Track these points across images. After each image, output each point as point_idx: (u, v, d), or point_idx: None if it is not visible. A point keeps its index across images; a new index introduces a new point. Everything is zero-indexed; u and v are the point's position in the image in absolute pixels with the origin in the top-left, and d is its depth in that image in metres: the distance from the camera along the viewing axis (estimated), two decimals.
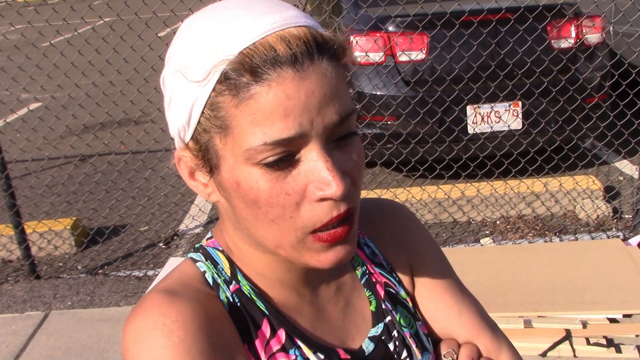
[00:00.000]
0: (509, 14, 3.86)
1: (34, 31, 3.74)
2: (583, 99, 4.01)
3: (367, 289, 0.81)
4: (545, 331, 2.75)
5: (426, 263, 0.86)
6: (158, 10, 3.79)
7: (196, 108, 0.63)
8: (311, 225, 0.63)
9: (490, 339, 0.84)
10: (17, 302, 3.47)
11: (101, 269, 3.80)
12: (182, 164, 0.69)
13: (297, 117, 0.59)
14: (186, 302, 0.66)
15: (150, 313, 0.65)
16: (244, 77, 0.59)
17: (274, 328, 0.71)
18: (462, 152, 4.05)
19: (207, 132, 0.63)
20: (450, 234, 3.84)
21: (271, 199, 0.62)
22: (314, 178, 0.62)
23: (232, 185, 0.64)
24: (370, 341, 0.77)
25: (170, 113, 0.67)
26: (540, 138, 4.08)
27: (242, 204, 0.64)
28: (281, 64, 0.59)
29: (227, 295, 0.71)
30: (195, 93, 0.62)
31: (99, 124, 4.87)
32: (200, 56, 0.62)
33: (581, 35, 4.16)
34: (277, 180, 0.62)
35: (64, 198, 4.48)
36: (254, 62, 0.59)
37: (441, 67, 3.92)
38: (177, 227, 4.26)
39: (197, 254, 0.75)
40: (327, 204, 0.63)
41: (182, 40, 0.65)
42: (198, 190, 0.70)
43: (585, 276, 3.10)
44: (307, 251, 0.65)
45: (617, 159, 4.64)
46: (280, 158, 0.61)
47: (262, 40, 0.60)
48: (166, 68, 0.67)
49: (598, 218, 3.84)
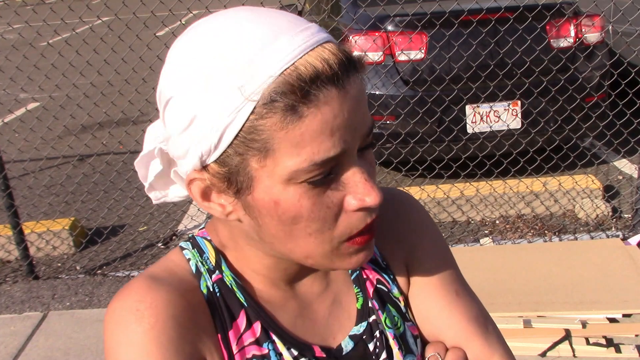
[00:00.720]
0: (508, 13, 3.85)
1: (31, 31, 3.73)
2: (582, 98, 4.00)
3: (356, 285, 0.80)
4: (544, 331, 2.75)
5: (423, 260, 0.83)
6: (156, 10, 3.78)
7: (230, 131, 0.60)
8: (347, 234, 0.65)
9: (481, 345, 0.80)
10: (16, 303, 3.46)
11: (100, 269, 3.79)
12: (194, 186, 0.66)
13: (343, 135, 0.60)
14: (164, 289, 0.68)
15: (128, 297, 0.68)
16: (290, 99, 0.58)
17: (250, 320, 0.72)
18: (461, 151, 4.04)
19: (240, 154, 0.61)
20: (449, 233, 3.84)
21: (313, 214, 0.63)
22: (352, 190, 0.63)
23: (269, 204, 0.63)
24: (350, 340, 0.77)
25: (189, 134, 0.63)
26: (539, 137, 4.07)
27: (274, 221, 0.64)
28: (325, 83, 0.58)
29: (208, 285, 0.72)
30: (229, 116, 0.59)
31: (97, 124, 4.86)
32: (233, 80, 0.59)
33: (580, 34, 4.16)
34: (318, 195, 0.62)
35: (62, 198, 4.47)
36: (298, 83, 0.58)
37: (440, 67, 3.91)
38: (175, 227, 4.25)
39: (186, 243, 0.76)
40: (361, 214, 0.65)
41: (201, 62, 0.61)
42: (213, 211, 0.68)
43: (584, 276, 3.09)
44: (339, 256, 0.67)
45: (616, 158, 4.64)
46: (325, 176, 0.61)
47: (301, 60, 0.59)
48: (175, 87, 0.63)
49: (597, 217, 3.84)
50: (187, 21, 4.45)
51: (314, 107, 0.58)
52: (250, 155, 0.61)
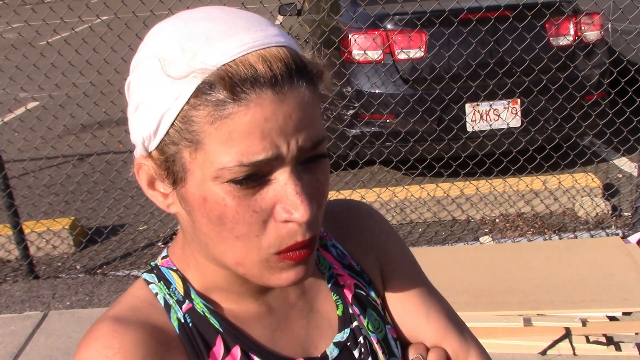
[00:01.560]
0: (507, 12, 3.85)
1: (31, 30, 3.72)
2: (582, 96, 4.00)
3: (334, 292, 0.79)
4: (544, 329, 2.75)
5: (395, 264, 0.85)
6: (156, 9, 3.78)
7: (166, 119, 0.61)
8: (277, 246, 0.63)
9: (458, 341, 0.83)
10: (16, 302, 3.46)
11: (100, 268, 3.79)
12: (142, 172, 0.67)
13: (274, 140, 0.59)
14: (131, 331, 0.66)
15: (95, 344, 0.66)
16: (222, 94, 0.58)
17: (227, 346, 0.70)
18: (461, 150, 4.04)
19: (175, 144, 0.62)
20: (449, 232, 3.84)
21: (237, 216, 0.61)
22: (282, 200, 0.61)
23: (198, 200, 0.62)
24: (335, 347, 0.76)
25: (135, 120, 0.64)
26: (539, 136, 4.07)
27: (204, 219, 0.63)
28: (261, 84, 0.58)
29: (179, 317, 0.70)
30: (166, 104, 0.60)
31: (97, 123, 4.86)
32: (175, 69, 0.60)
33: (580, 32, 4.16)
34: (244, 197, 0.61)
35: (62, 198, 4.47)
36: (233, 80, 0.57)
37: (440, 65, 3.91)
38: (175, 226, 4.25)
39: (151, 275, 0.74)
40: (293, 226, 0.62)
41: (154, 49, 0.63)
42: (156, 201, 0.68)
43: (584, 274, 3.10)
44: (269, 269, 0.65)
45: (616, 157, 4.64)
46: (249, 176, 0.60)
47: (242, 58, 0.58)
48: (133, 74, 0.65)
49: (597, 216, 3.84)
50: None
51: (244, 106, 0.58)
52: (184, 146, 0.61)
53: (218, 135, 0.59)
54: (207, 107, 0.58)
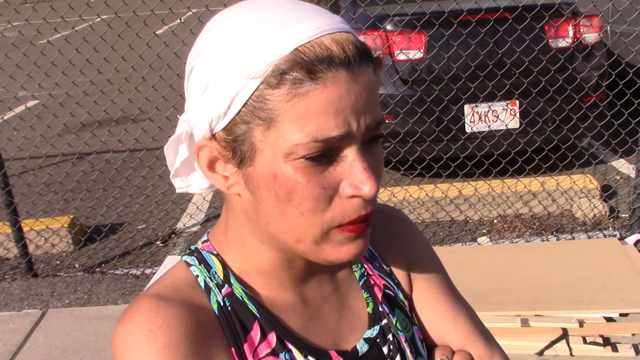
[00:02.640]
0: (506, 13, 3.86)
1: (31, 29, 3.73)
2: (580, 98, 4.02)
3: (365, 290, 0.81)
4: (542, 330, 2.76)
5: (424, 269, 0.87)
6: (156, 9, 3.79)
7: (239, 98, 0.63)
8: (339, 220, 0.65)
9: (484, 347, 0.85)
10: (15, 300, 3.47)
11: (99, 267, 3.80)
12: (203, 154, 0.69)
13: (347, 118, 0.62)
14: (174, 307, 0.68)
15: (138, 318, 0.67)
16: (299, 73, 0.60)
17: (264, 331, 0.72)
18: (460, 151, 4.05)
19: (246, 123, 0.64)
20: (447, 232, 3.85)
21: (307, 192, 0.63)
22: (350, 176, 0.64)
23: (267, 177, 0.64)
24: (365, 342, 0.78)
25: (203, 100, 0.66)
26: (537, 137, 4.08)
27: (271, 196, 0.65)
28: (336, 64, 0.61)
29: (218, 299, 0.72)
30: (240, 83, 0.62)
31: (96, 122, 4.87)
32: (250, 49, 0.62)
33: (579, 34, 4.17)
34: (314, 174, 0.63)
35: (61, 196, 4.48)
36: (311, 60, 0.60)
37: (439, 66, 3.92)
38: (174, 225, 4.26)
39: (191, 258, 0.76)
40: (357, 202, 0.65)
41: (223, 33, 0.65)
42: (216, 182, 0.70)
43: (582, 275, 3.11)
44: (329, 244, 0.67)
45: (614, 158, 4.65)
46: (322, 153, 0.62)
47: (317, 40, 0.61)
48: (199, 59, 0.66)
49: (595, 217, 3.85)
50: (186, 20, 4.46)
51: (321, 84, 0.60)
52: (256, 125, 0.63)
53: (294, 112, 0.61)
54: (284, 86, 0.61)
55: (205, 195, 4.44)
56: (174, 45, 4.02)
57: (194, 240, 4.03)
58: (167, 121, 4.11)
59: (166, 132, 5.03)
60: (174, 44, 4.02)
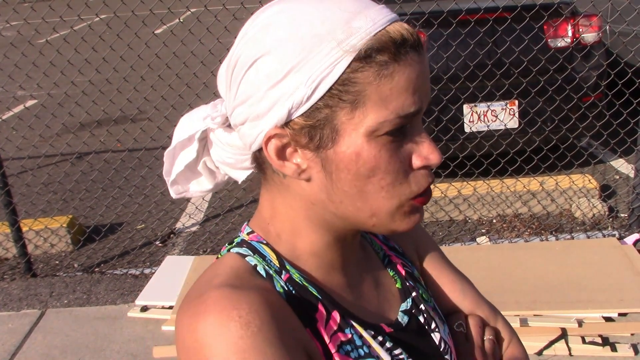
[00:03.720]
0: (505, 13, 3.86)
1: (30, 28, 3.73)
2: (579, 98, 4.02)
3: (390, 269, 0.88)
4: (541, 330, 2.76)
5: (426, 248, 0.96)
6: (155, 8, 3.79)
7: (325, 83, 0.65)
8: (415, 191, 0.71)
9: (488, 310, 0.95)
10: (14, 300, 3.47)
11: (98, 267, 3.79)
12: (271, 143, 0.69)
13: (421, 95, 0.68)
14: (252, 293, 0.68)
15: (223, 307, 0.65)
16: (385, 56, 0.65)
17: (328, 310, 0.75)
18: (459, 150, 4.06)
19: (329, 107, 0.66)
20: (446, 232, 3.85)
21: (390, 166, 0.68)
22: (418, 149, 0.70)
23: (350, 157, 0.68)
24: (403, 314, 0.83)
25: (279, 89, 0.67)
26: (536, 137, 4.09)
27: (350, 175, 0.69)
28: (410, 48, 0.67)
29: (282, 285, 0.73)
30: (324, 70, 0.65)
31: (95, 122, 4.87)
32: (333, 33, 0.65)
33: (578, 34, 4.17)
34: (394, 149, 0.69)
35: (60, 196, 4.48)
36: (392, 43, 0.66)
37: (438, 66, 3.92)
38: (173, 225, 4.26)
39: (243, 249, 0.76)
40: (425, 172, 0.71)
41: (294, 22, 0.66)
42: (286, 169, 0.71)
43: (581, 275, 3.11)
44: (401, 215, 0.72)
45: (613, 158, 4.65)
46: (402, 128, 0.68)
47: (390, 27, 0.67)
48: (255, 47, 0.67)
49: (594, 217, 3.85)
50: (185, 19, 4.45)
51: (402, 66, 0.66)
52: (340, 108, 0.66)
53: (379, 92, 0.66)
54: (371, 69, 0.65)
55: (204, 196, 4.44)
56: (173, 45, 4.02)
57: (193, 240, 4.03)
58: (166, 121, 4.11)
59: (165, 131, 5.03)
60: (173, 44, 4.02)
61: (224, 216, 4.24)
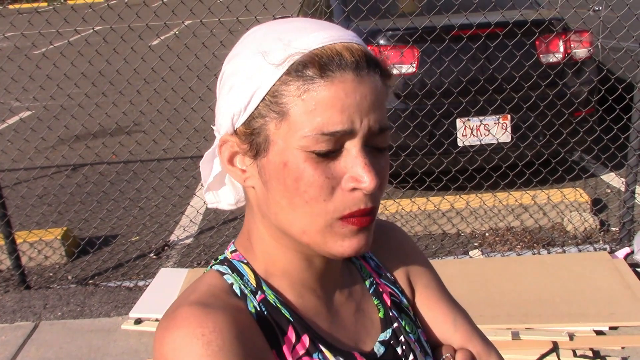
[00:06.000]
0: (498, 29, 3.91)
1: (26, 41, 3.75)
2: (571, 112, 4.06)
3: (375, 297, 0.88)
4: (532, 343, 2.78)
5: (422, 277, 0.95)
6: (150, 22, 3.82)
7: (258, 94, 0.70)
8: (341, 210, 0.71)
9: (481, 345, 0.93)
10: (7, 313, 3.46)
11: (92, 279, 3.79)
12: (225, 148, 0.76)
13: (351, 115, 0.68)
14: (220, 312, 0.71)
15: (189, 324, 0.69)
16: (311, 71, 0.68)
17: (298, 334, 0.76)
18: (452, 164, 4.09)
19: (262, 117, 0.71)
20: (439, 245, 3.87)
21: (312, 179, 0.69)
22: (351, 170, 0.70)
23: (278, 166, 0.71)
24: (380, 344, 0.83)
25: (228, 99, 0.73)
26: (528, 151, 4.12)
27: (280, 185, 0.71)
28: (345, 66, 0.68)
29: (255, 305, 0.76)
30: (259, 82, 0.70)
31: (91, 134, 4.88)
32: (272, 52, 0.70)
33: (569, 50, 4.22)
34: (320, 163, 0.70)
35: (54, 208, 4.48)
36: (322, 60, 0.68)
37: (431, 81, 3.96)
38: (167, 237, 4.27)
39: (223, 267, 0.80)
40: (358, 195, 0.71)
41: (250, 41, 0.73)
42: (234, 175, 0.76)
43: (572, 288, 3.13)
44: (332, 236, 0.72)
45: (604, 172, 4.69)
46: (329, 150, 0.69)
47: (330, 46, 0.69)
48: (228, 65, 0.75)
49: (585, 230, 3.88)
50: (179, 32, 4.49)
51: (329, 82, 0.68)
52: (271, 118, 0.70)
53: (304, 106, 0.68)
54: (297, 82, 0.68)
55: (199, 208, 4.45)
56: (169, 59, 4.04)
57: (187, 252, 4.04)
58: (161, 134, 4.12)
59: (160, 144, 5.05)
60: (169, 58, 4.05)
61: (218, 229, 4.25)
